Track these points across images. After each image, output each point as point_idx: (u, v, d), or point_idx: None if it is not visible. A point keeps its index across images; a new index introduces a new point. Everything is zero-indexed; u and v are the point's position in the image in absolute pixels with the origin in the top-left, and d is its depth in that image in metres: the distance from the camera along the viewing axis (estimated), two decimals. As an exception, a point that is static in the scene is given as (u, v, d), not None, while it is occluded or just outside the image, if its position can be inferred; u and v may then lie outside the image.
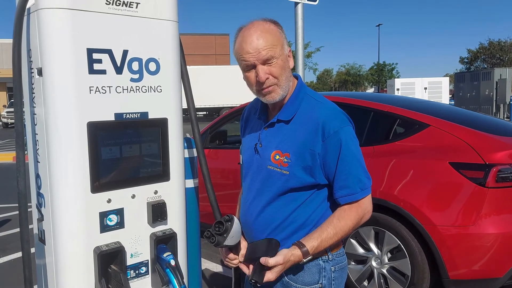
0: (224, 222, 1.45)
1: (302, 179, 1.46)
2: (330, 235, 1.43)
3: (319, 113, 1.46)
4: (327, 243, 1.43)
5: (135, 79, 1.70)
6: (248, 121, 1.71)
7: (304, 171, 1.45)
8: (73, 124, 1.56)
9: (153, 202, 1.80)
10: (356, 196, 1.46)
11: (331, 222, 1.45)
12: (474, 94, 24.29)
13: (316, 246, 1.41)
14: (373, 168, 3.20)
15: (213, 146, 4.51)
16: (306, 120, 1.47)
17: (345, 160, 1.44)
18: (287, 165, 1.46)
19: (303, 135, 1.45)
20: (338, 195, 1.47)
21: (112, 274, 1.68)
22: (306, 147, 1.44)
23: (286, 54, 1.49)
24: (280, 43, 1.46)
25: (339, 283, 1.55)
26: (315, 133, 1.43)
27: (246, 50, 1.44)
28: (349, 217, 1.45)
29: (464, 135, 3.00)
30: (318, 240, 1.42)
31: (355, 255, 3.34)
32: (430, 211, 2.89)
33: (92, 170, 1.62)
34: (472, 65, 45.08)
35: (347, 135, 1.45)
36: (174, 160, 1.88)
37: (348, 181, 1.45)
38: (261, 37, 1.43)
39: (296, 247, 1.41)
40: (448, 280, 2.88)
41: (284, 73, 1.47)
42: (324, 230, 1.43)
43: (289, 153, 1.46)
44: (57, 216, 1.61)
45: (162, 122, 1.82)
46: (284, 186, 1.48)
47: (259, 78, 1.45)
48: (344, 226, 1.44)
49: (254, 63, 1.44)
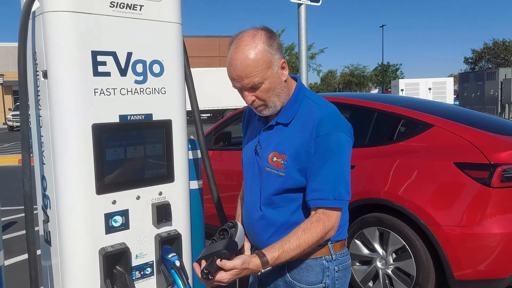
0: (228, 229, 1.47)
1: (298, 181, 1.46)
2: (292, 246, 1.38)
3: (316, 115, 1.46)
4: (289, 254, 1.39)
5: (139, 81, 1.71)
6: (250, 122, 1.72)
7: (300, 173, 1.45)
8: (78, 126, 1.58)
9: (157, 203, 1.81)
10: (326, 202, 1.41)
11: (296, 233, 1.40)
12: (478, 94, 24.19)
13: (277, 257, 1.37)
14: (377, 169, 3.20)
15: (217, 148, 4.51)
16: (304, 123, 1.47)
17: (326, 164, 1.41)
18: (283, 167, 1.47)
19: (300, 138, 1.46)
20: (309, 197, 1.44)
21: (117, 275, 1.69)
22: (302, 149, 1.44)
23: (275, 73, 1.45)
24: (266, 65, 1.42)
25: (343, 282, 1.55)
26: (311, 134, 1.43)
27: (231, 75, 1.45)
28: (315, 229, 1.40)
29: (468, 135, 2.99)
30: (280, 250, 1.37)
31: (360, 256, 3.33)
32: (434, 211, 2.88)
33: (97, 171, 1.63)
34: (477, 65, 44.89)
35: (337, 140, 1.42)
36: (178, 162, 1.89)
37: (323, 185, 1.41)
38: (244, 64, 1.40)
39: (256, 256, 1.37)
40: (454, 280, 2.87)
41: (272, 94, 1.46)
42: (287, 241, 1.39)
43: (286, 155, 1.47)
44: (62, 217, 1.62)
45: (166, 123, 1.83)
46: (281, 187, 1.49)
47: (246, 101, 1.48)
48: (309, 238, 1.39)
49: (240, 88, 1.46)
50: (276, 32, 1.62)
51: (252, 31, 1.44)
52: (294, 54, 34.63)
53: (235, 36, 1.46)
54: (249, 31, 1.44)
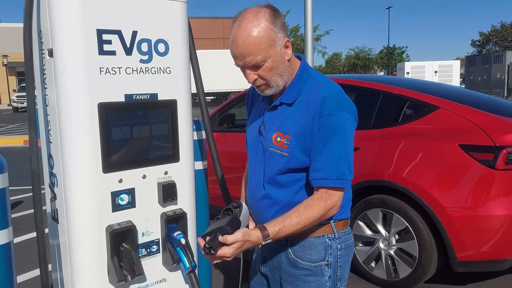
0: (233, 209, 1.48)
1: (302, 160, 1.47)
2: (293, 222, 1.40)
3: (320, 94, 1.45)
4: (290, 229, 1.40)
5: (144, 60, 1.70)
6: (253, 102, 1.71)
7: (304, 153, 1.46)
8: (84, 105, 1.58)
9: (163, 183, 1.82)
10: (329, 182, 1.42)
11: (297, 209, 1.42)
12: (485, 77, 23.96)
13: (277, 231, 1.39)
14: (382, 151, 3.20)
15: (221, 130, 4.52)
16: (308, 102, 1.46)
17: (329, 144, 1.41)
18: (287, 147, 1.47)
19: (304, 118, 1.45)
20: (312, 177, 1.45)
21: (124, 252, 1.72)
22: (306, 129, 1.44)
23: (278, 52, 1.43)
24: (269, 43, 1.40)
25: (345, 260, 1.57)
26: (314, 114, 1.43)
27: (233, 53, 1.44)
28: (316, 207, 1.41)
29: (474, 117, 2.97)
30: (281, 225, 1.39)
31: (362, 237, 3.36)
32: (438, 193, 2.89)
33: (103, 150, 1.64)
34: (484, 48, 44.31)
35: (340, 120, 1.42)
36: (183, 142, 1.90)
37: (325, 165, 1.42)
38: (246, 42, 1.39)
39: (257, 229, 1.40)
40: (456, 261, 2.89)
41: (274, 73, 1.45)
42: (288, 216, 1.41)
43: (290, 135, 1.47)
44: (69, 195, 1.64)
45: (171, 103, 1.83)
46: (285, 167, 1.49)
47: (248, 80, 1.47)
48: (310, 215, 1.41)
49: (242, 66, 1.46)
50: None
51: (256, 8, 1.43)
52: (299, 36, 34.29)
53: (238, 14, 1.45)
54: (252, 9, 1.43)
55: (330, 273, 1.52)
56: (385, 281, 3.28)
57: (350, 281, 3.29)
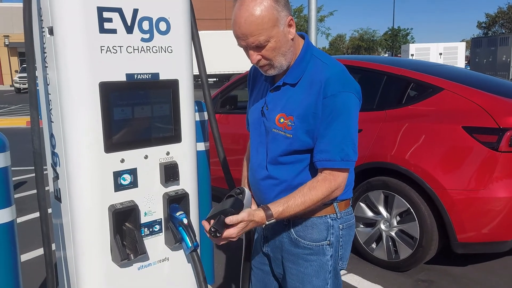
0: (235, 196, 1.48)
1: (305, 142, 1.45)
2: (297, 202, 1.40)
3: (325, 75, 1.42)
4: (293, 210, 1.41)
5: (145, 39, 1.68)
6: (255, 82, 1.69)
7: (307, 134, 1.44)
8: (85, 84, 1.57)
9: (165, 163, 1.82)
10: (334, 163, 1.41)
11: (301, 190, 1.42)
12: (490, 60, 23.70)
13: (281, 211, 1.40)
14: (385, 133, 3.19)
15: (223, 111, 4.50)
16: (312, 83, 1.44)
17: (333, 125, 1.40)
18: (290, 128, 1.46)
19: (307, 98, 1.43)
20: (316, 158, 1.44)
21: (127, 231, 1.73)
22: (309, 111, 1.42)
23: (281, 31, 1.40)
24: (272, 22, 1.36)
25: (347, 240, 1.58)
26: (318, 95, 1.41)
27: (236, 34, 1.41)
28: (320, 188, 1.41)
29: (478, 98, 2.95)
30: (284, 205, 1.40)
31: (364, 218, 3.38)
32: (441, 175, 2.89)
33: (105, 130, 1.63)
34: (490, 30, 43.72)
35: (344, 101, 1.40)
36: (185, 122, 1.89)
37: (330, 146, 1.41)
38: (249, 21, 1.35)
39: (261, 209, 1.40)
40: (457, 243, 2.91)
41: (278, 53, 1.42)
42: (292, 197, 1.41)
43: (293, 116, 1.45)
44: (71, 175, 1.64)
45: (173, 83, 1.81)
46: (288, 149, 1.48)
47: (251, 60, 1.45)
48: (314, 196, 1.41)
49: (245, 46, 1.43)
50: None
51: None
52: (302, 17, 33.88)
53: None
54: None
55: (331, 252, 1.53)
56: (385, 262, 3.30)
57: (350, 262, 3.33)
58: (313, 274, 1.53)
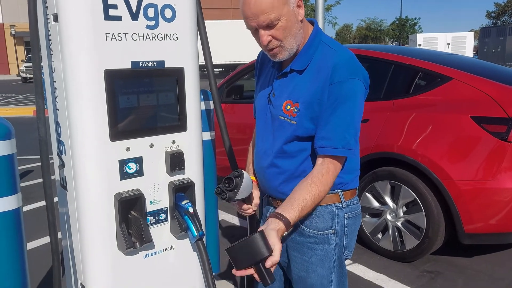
0: (233, 178, 1.46)
1: (309, 129, 1.44)
2: (309, 203, 1.38)
3: (331, 61, 1.40)
4: (306, 211, 1.39)
5: (151, 26, 1.67)
6: (262, 69, 1.67)
7: (312, 121, 1.43)
8: (90, 71, 1.56)
9: (171, 152, 1.81)
10: (335, 151, 1.39)
11: (310, 189, 1.38)
12: (499, 50, 23.42)
13: (298, 216, 1.36)
14: (392, 123, 3.16)
15: (229, 101, 4.49)
16: (319, 69, 1.42)
17: (337, 112, 1.38)
18: (295, 115, 1.44)
19: (314, 85, 1.42)
20: (318, 145, 1.42)
21: (133, 219, 1.73)
22: (315, 97, 1.41)
23: (291, 10, 1.39)
24: (283, 0, 1.37)
25: (352, 230, 1.57)
26: (325, 81, 1.39)
27: (245, 14, 1.40)
28: (326, 182, 1.39)
29: (488, 88, 2.91)
30: (299, 209, 1.36)
31: (370, 209, 3.36)
32: (448, 165, 2.87)
33: (110, 118, 1.62)
34: (499, 20, 43.14)
35: (351, 88, 1.38)
36: (191, 111, 1.88)
37: (332, 133, 1.39)
38: (259, 0, 1.34)
39: (278, 221, 1.33)
40: (463, 234, 2.89)
41: (289, 33, 1.41)
42: (303, 199, 1.37)
43: (299, 103, 1.44)
44: (77, 163, 1.64)
45: (178, 71, 1.80)
46: (292, 135, 1.47)
47: (261, 42, 1.42)
48: (321, 192, 1.39)
49: (255, 27, 1.40)
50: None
51: None
52: (309, 6, 33.59)
53: None
54: None
55: (336, 241, 1.53)
56: (391, 252, 3.30)
57: (356, 252, 3.33)
58: (318, 263, 1.52)
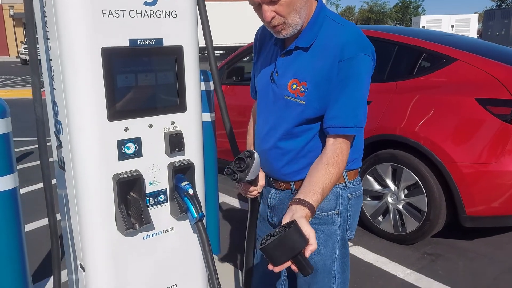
0: (245, 158, 1.42)
1: (318, 109, 1.40)
2: (329, 185, 1.35)
3: (341, 38, 1.35)
4: (327, 193, 1.36)
5: (149, 2, 1.62)
6: (263, 46, 1.61)
7: (321, 101, 1.38)
8: (87, 49, 1.52)
9: (170, 132, 1.79)
10: (348, 130, 1.36)
11: (328, 171, 1.35)
12: (503, 33, 23.14)
13: (320, 200, 1.34)
14: (395, 105, 3.12)
15: (230, 83, 4.44)
16: (326, 46, 1.37)
17: (347, 89, 1.34)
18: (303, 95, 1.39)
19: (322, 63, 1.37)
20: (329, 124, 1.38)
21: (132, 201, 1.71)
22: (324, 76, 1.36)
23: None
24: None
25: (355, 210, 1.55)
26: (334, 58, 1.34)
27: None
28: (341, 162, 1.36)
29: (493, 69, 2.85)
30: (320, 192, 1.33)
31: (371, 191, 3.35)
32: (451, 148, 2.84)
33: (108, 97, 1.59)
34: (504, 2, 42.56)
35: (361, 64, 1.34)
36: (190, 91, 1.84)
37: (343, 111, 1.35)
38: None
39: (303, 208, 1.29)
40: (465, 216, 2.88)
41: (293, 9, 1.36)
42: (323, 182, 1.33)
43: (306, 82, 1.39)
44: (75, 142, 1.61)
45: (177, 50, 1.75)
46: (300, 117, 1.43)
47: (264, 18, 1.37)
48: (338, 171, 1.36)
49: (258, 2, 1.36)
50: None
51: None
52: (311, -12, 33.09)
53: None
54: None
55: (340, 222, 1.51)
56: (392, 235, 3.30)
57: (356, 234, 3.32)
58: (321, 243, 1.51)
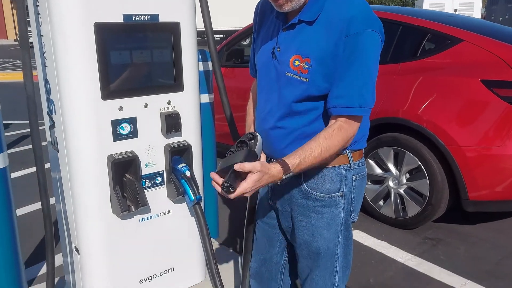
0: (247, 141, 1.35)
1: (323, 87, 1.32)
2: (314, 154, 1.28)
3: (348, 11, 1.27)
4: (310, 162, 1.29)
5: (144, -25, 1.55)
6: (263, 20, 1.52)
7: (325, 78, 1.30)
8: (79, 24, 1.45)
9: (166, 113, 1.73)
10: (352, 110, 1.29)
11: (317, 140, 1.30)
12: (507, 17, 22.83)
13: (298, 163, 1.28)
14: (398, 87, 3.05)
15: (229, 65, 4.35)
16: (332, 20, 1.29)
17: (353, 67, 1.26)
18: (307, 72, 1.31)
19: (327, 38, 1.28)
20: (332, 104, 1.31)
21: (127, 183, 1.66)
22: (329, 51, 1.28)
23: None
24: None
25: (359, 192, 1.49)
26: (340, 33, 1.26)
27: None
28: (336, 138, 1.30)
29: (500, 50, 2.77)
30: (301, 157, 1.28)
31: (372, 175, 3.30)
32: (455, 131, 2.78)
33: (101, 75, 1.53)
34: (508, -14, 42.00)
35: (368, 40, 1.26)
36: (187, 70, 1.78)
37: (348, 91, 1.28)
38: None
39: (277, 162, 1.27)
40: (467, 201, 2.84)
41: None
42: (308, 148, 1.29)
43: (310, 58, 1.30)
44: (68, 122, 1.56)
45: (174, 26, 1.69)
46: (303, 95, 1.35)
47: None
48: (330, 147, 1.29)
49: None
50: None
51: None
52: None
53: None
54: None
55: (344, 204, 1.45)
56: (392, 219, 3.26)
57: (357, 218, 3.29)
58: (324, 226, 1.46)
